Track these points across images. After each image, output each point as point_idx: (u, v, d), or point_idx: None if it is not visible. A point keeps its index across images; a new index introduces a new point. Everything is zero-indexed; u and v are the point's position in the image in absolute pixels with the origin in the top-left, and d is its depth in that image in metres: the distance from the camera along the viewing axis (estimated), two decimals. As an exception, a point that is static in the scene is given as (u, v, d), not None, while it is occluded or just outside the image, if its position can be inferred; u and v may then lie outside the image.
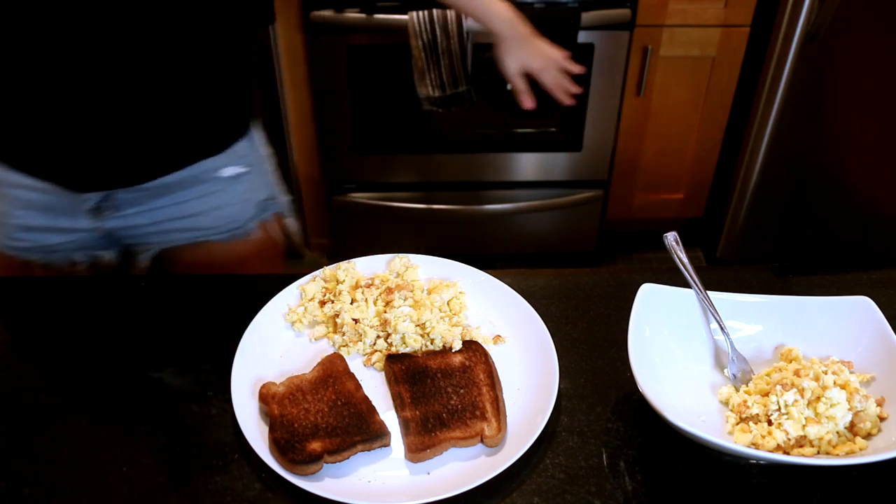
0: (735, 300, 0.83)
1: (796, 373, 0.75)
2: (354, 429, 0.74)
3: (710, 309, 0.81)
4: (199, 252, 1.10)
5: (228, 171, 1.06)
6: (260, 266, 1.15)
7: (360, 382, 0.81)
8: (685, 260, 0.84)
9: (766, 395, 0.76)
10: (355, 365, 0.84)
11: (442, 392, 0.79)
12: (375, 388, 0.82)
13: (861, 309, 0.79)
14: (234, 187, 1.08)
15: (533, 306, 0.88)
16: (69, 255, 1.07)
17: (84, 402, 0.80)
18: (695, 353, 0.82)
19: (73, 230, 1.05)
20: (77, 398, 0.81)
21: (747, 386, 0.79)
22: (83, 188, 1.01)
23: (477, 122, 2.12)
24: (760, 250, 2.33)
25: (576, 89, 1.32)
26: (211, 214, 1.07)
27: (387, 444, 0.75)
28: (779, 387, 0.74)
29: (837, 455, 0.71)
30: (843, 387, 0.74)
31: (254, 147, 1.11)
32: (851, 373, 0.76)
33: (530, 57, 1.26)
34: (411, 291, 0.89)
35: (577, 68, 1.30)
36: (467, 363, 0.82)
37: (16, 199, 1.02)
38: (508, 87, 2.13)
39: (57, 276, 1.06)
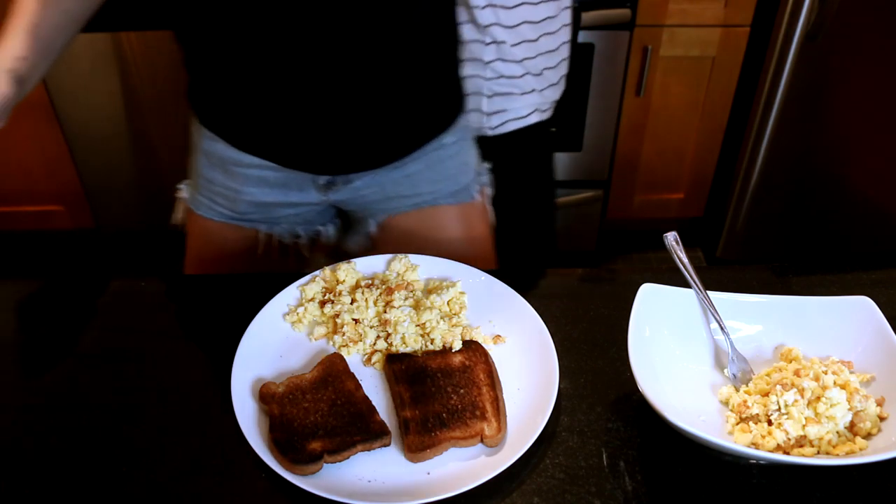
0: (735, 300, 0.83)
1: (796, 373, 0.75)
2: (354, 429, 0.74)
3: (710, 309, 0.81)
4: (424, 217, 1.10)
5: (449, 138, 1.07)
6: (479, 232, 1.14)
7: (360, 382, 0.81)
8: (685, 260, 0.84)
9: (766, 395, 0.76)
10: (355, 365, 0.84)
11: (442, 392, 0.79)
12: (375, 388, 0.82)
13: (861, 309, 0.79)
14: (456, 153, 1.09)
15: (533, 306, 0.88)
16: (293, 227, 1.10)
17: (84, 402, 0.80)
18: (695, 353, 0.82)
19: (302, 204, 1.08)
20: (77, 397, 0.81)
21: (747, 386, 0.79)
22: (319, 171, 1.03)
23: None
24: (760, 250, 2.33)
25: None
26: (436, 179, 1.08)
27: (387, 444, 0.75)
28: (779, 387, 0.74)
29: (837, 455, 0.71)
30: (843, 387, 0.74)
31: (466, 120, 1.12)
32: (851, 373, 0.76)
33: None
34: (411, 291, 0.89)
35: None
36: (467, 363, 0.82)
37: (248, 177, 1.04)
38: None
39: (57, 276, 1.06)
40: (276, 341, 0.87)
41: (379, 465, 0.73)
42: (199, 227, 1.11)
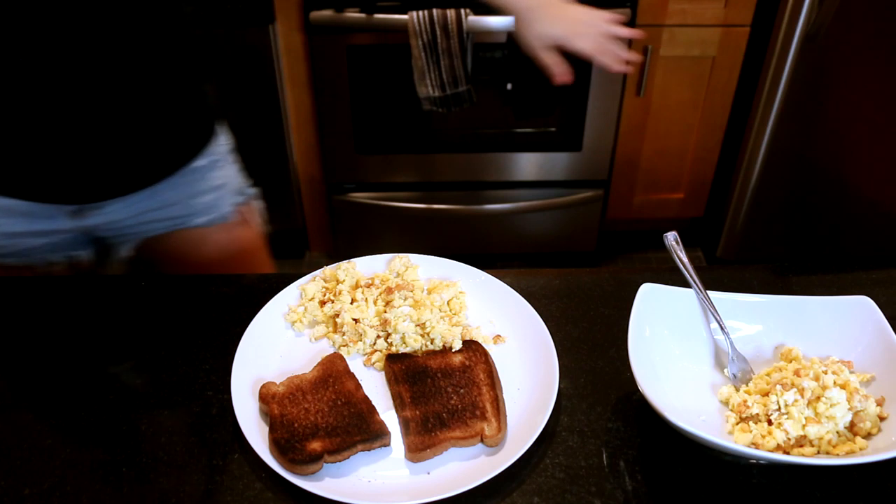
0: (735, 300, 0.83)
1: (796, 373, 0.75)
2: (354, 429, 0.74)
3: (710, 309, 0.81)
4: (180, 240, 1.10)
5: (200, 161, 1.07)
6: (241, 252, 1.16)
7: (360, 382, 0.81)
8: (685, 260, 0.84)
9: (766, 394, 0.76)
10: (355, 365, 0.84)
11: (442, 392, 0.79)
12: (375, 388, 0.82)
13: (861, 309, 0.79)
14: (208, 174, 1.09)
15: (533, 306, 0.88)
16: (46, 256, 1.06)
17: (84, 402, 0.80)
18: (695, 353, 0.82)
19: (52, 232, 1.04)
20: (77, 398, 0.81)
21: (747, 386, 0.79)
22: (66, 201, 1.01)
23: (477, 122, 2.12)
24: (760, 250, 2.33)
25: (630, 56, 1.08)
26: (188, 202, 1.08)
27: (387, 444, 0.75)
28: (779, 387, 0.74)
29: (837, 455, 0.71)
30: (843, 387, 0.74)
31: (220, 142, 1.12)
32: (851, 373, 0.76)
33: (558, 24, 1.04)
34: (411, 291, 0.89)
35: (627, 31, 1.07)
36: (467, 363, 0.82)
37: None
38: (509, 86, 2.13)
39: (57, 276, 1.06)
40: (276, 341, 0.87)
41: (379, 465, 0.73)
42: None
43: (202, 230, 1.11)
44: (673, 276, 0.85)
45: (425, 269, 0.95)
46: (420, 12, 1.83)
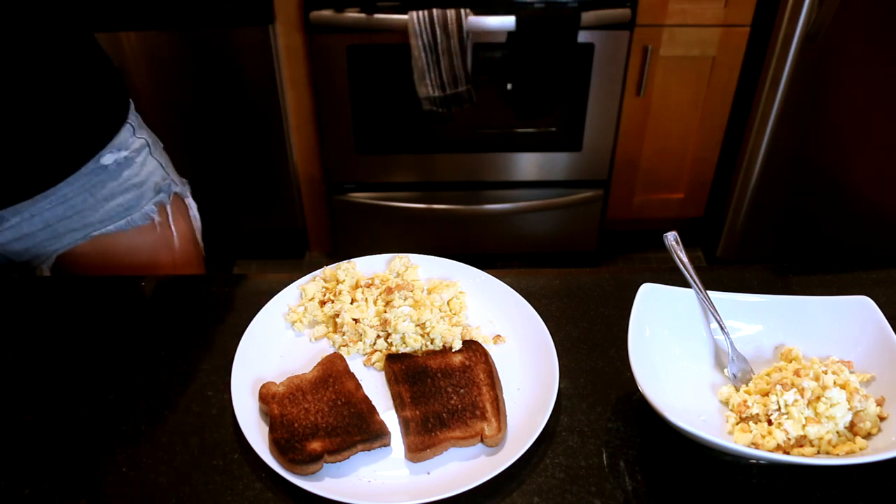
0: (735, 300, 0.83)
1: (796, 373, 0.75)
2: (354, 429, 0.74)
3: (710, 309, 0.81)
4: (100, 248, 1.04)
5: (108, 159, 1.00)
6: (169, 253, 1.09)
7: (360, 382, 0.81)
8: (685, 260, 0.84)
9: (766, 394, 0.76)
10: (355, 365, 0.84)
11: (442, 392, 0.79)
12: (375, 388, 0.82)
13: (861, 309, 0.79)
14: (120, 173, 1.02)
15: (533, 306, 0.88)
16: None
17: (84, 402, 0.80)
18: (695, 353, 0.82)
19: None
20: (77, 398, 0.81)
21: (747, 386, 0.79)
22: None
23: (477, 122, 2.13)
24: (760, 250, 2.33)
25: None
26: (102, 206, 1.02)
27: (387, 444, 0.75)
28: (779, 387, 0.74)
29: (837, 455, 0.71)
30: (843, 387, 0.74)
31: (134, 133, 1.05)
32: (851, 373, 0.76)
33: None
34: (411, 291, 0.89)
35: None
36: (467, 363, 0.82)
37: None
38: (509, 86, 2.13)
39: (57, 276, 1.06)
40: (276, 341, 0.87)
41: (379, 465, 0.73)
42: None
43: (122, 234, 1.04)
44: (673, 276, 0.85)
45: (425, 269, 0.95)
46: (420, 12, 1.83)
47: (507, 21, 1.88)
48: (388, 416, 0.78)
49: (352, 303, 0.89)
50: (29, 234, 1.00)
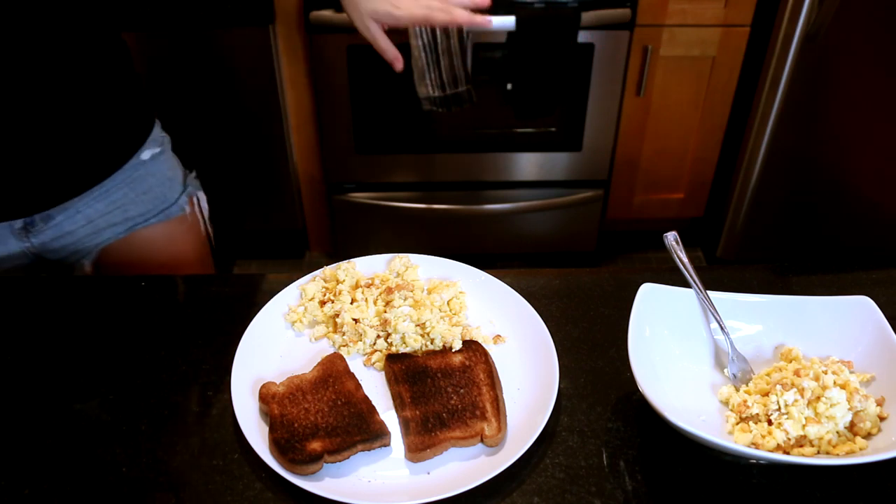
0: (735, 300, 0.83)
1: (796, 373, 0.75)
2: (354, 429, 0.74)
3: (710, 309, 0.81)
4: (139, 241, 1.07)
5: (146, 154, 1.05)
6: (200, 243, 1.13)
7: (360, 382, 0.81)
8: (685, 260, 0.84)
9: (766, 394, 0.76)
10: (355, 365, 0.84)
11: (442, 392, 0.79)
12: (375, 388, 0.82)
13: (861, 309, 0.79)
14: (156, 167, 1.07)
15: (533, 306, 0.88)
16: None
17: (84, 402, 0.80)
18: (695, 353, 0.82)
19: (1, 258, 0.99)
20: (77, 398, 0.81)
21: (747, 386, 0.79)
22: (10, 216, 0.96)
23: (477, 122, 2.12)
24: (760, 250, 2.33)
25: (473, 2, 0.99)
26: (141, 199, 1.05)
27: (387, 444, 0.75)
28: (779, 387, 0.74)
29: (837, 455, 0.71)
30: (843, 387, 0.74)
31: (160, 129, 1.10)
32: (851, 373, 0.76)
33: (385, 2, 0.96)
34: (411, 291, 0.89)
35: None
36: (467, 363, 0.82)
37: None
38: (509, 86, 2.13)
39: (56, 276, 1.06)
40: (276, 341, 0.87)
41: (379, 465, 0.73)
42: None
43: (158, 227, 1.07)
44: (673, 276, 0.85)
45: (425, 269, 0.95)
46: (420, 12, 1.83)
47: (507, 21, 1.88)
48: (388, 416, 0.78)
49: (352, 303, 0.89)
50: (70, 231, 1.02)
